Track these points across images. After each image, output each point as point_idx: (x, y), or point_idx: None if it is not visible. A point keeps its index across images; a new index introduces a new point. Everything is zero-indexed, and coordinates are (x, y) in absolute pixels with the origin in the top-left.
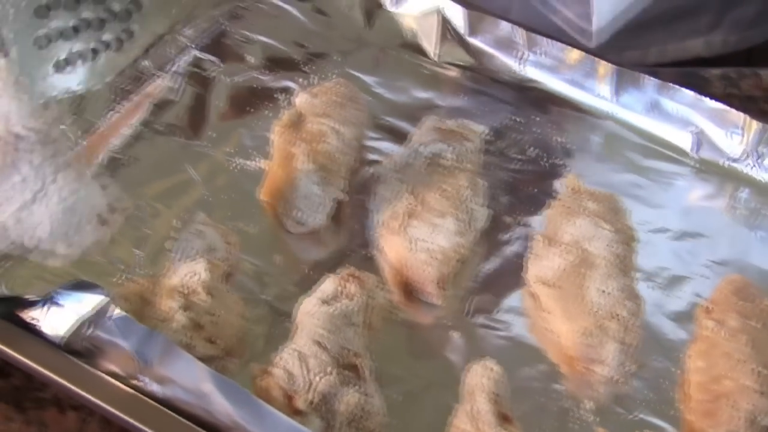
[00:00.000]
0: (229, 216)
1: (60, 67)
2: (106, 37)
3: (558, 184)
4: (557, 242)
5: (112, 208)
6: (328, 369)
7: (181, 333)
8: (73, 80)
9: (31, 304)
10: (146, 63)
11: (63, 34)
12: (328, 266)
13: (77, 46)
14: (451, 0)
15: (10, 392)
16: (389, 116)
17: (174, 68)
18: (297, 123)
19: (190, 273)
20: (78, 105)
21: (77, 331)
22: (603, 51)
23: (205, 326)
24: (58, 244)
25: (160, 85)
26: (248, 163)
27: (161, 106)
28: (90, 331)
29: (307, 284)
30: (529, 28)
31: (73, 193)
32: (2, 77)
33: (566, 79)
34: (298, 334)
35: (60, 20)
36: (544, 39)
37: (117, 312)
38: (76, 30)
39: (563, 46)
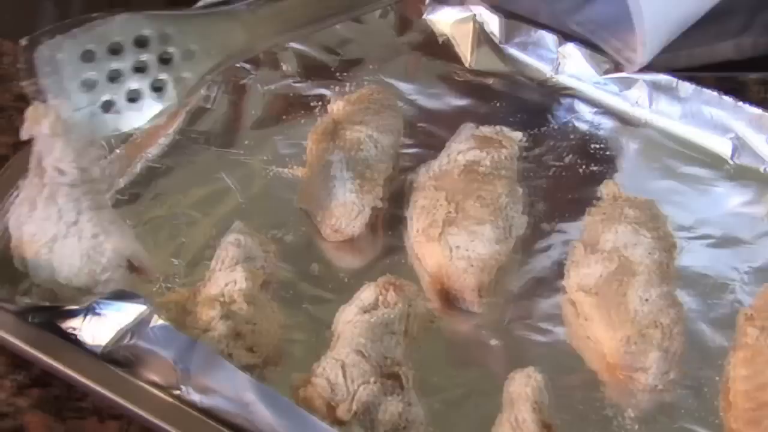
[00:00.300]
0: (266, 224)
1: (107, 108)
2: (154, 80)
3: (596, 191)
4: (597, 249)
5: (141, 258)
6: (370, 378)
7: (220, 342)
8: (120, 121)
9: (71, 314)
10: None
11: (110, 77)
12: (366, 274)
13: (125, 88)
14: (485, 8)
15: (51, 402)
16: (424, 123)
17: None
18: (333, 131)
19: (228, 282)
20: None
21: (117, 341)
22: None
23: (245, 335)
24: (85, 279)
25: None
26: (284, 170)
27: (196, 114)
28: (130, 340)
29: (344, 292)
30: (564, 35)
31: (105, 232)
32: (52, 117)
33: (601, 86)
34: (338, 344)
35: (108, 63)
36: (577, 47)
37: (158, 321)
38: (121, 73)
39: (597, 55)
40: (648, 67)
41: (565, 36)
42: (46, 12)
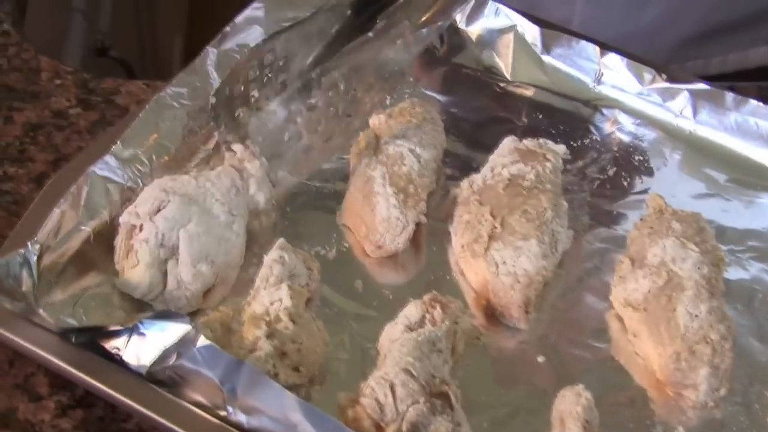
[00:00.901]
0: (309, 241)
1: None
2: None
3: (640, 204)
4: (644, 264)
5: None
6: (419, 398)
7: (267, 362)
8: None
9: (114, 334)
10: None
11: None
12: (409, 290)
13: None
14: (525, 18)
15: (95, 423)
16: (465, 136)
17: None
18: (374, 145)
19: (273, 301)
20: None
21: (162, 361)
22: (666, 63)
23: (290, 354)
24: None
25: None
26: (325, 185)
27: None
28: (176, 361)
29: (387, 309)
30: (604, 46)
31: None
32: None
33: (644, 97)
34: (386, 363)
35: None
36: (619, 57)
37: (202, 341)
38: None
39: (639, 65)
40: (685, 75)
41: (606, 47)
42: (76, 24)
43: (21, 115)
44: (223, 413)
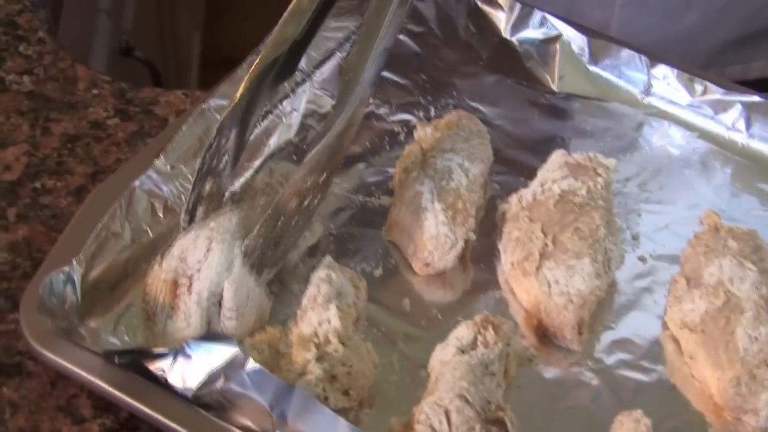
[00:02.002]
0: (354, 257)
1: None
2: None
3: (694, 220)
4: (700, 284)
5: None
6: (475, 425)
7: (317, 386)
8: None
9: (159, 356)
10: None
11: None
12: (458, 310)
13: None
14: (571, 27)
15: None
16: (511, 149)
17: (291, 105)
18: (421, 159)
19: (322, 321)
20: (198, 147)
21: (208, 384)
22: (705, 68)
23: (340, 377)
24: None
25: (276, 123)
26: (370, 200)
27: (278, 143)
28: (222, 384)
29: (436, 329)
30: (653, 56)
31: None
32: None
33: (695, 109)
34: (439, 387)
35: None
36: (669, 67)
37: (251, 365)
38: None
39: (690, 76)
40: (738, 87)
41: (655, 57)
42: (102, 24)
43: (58, 126)
44: None
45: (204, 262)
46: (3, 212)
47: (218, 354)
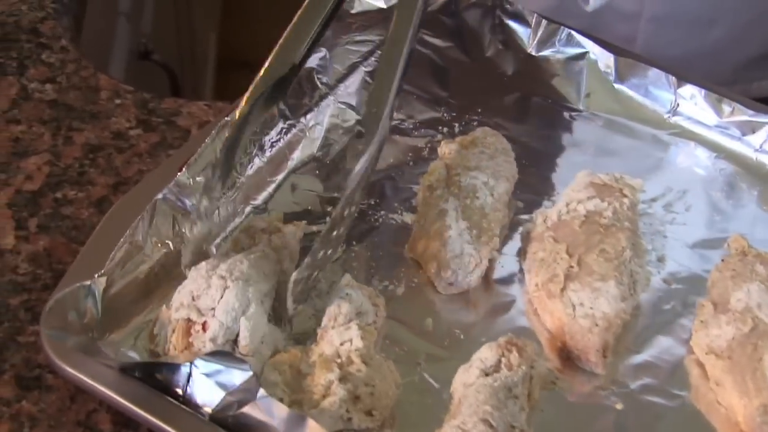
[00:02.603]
0: (375, 275)
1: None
2: None
3: (721, 243)
4: (728, 309)
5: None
6: None
7: (341, 407)
8: None
9: (175, 370)
10: (286, 113)
11: None
12: (481, 330)
13: None
14: (598, 44)
15: None
16: (536, 167)
17: (314, 119)
18: (445, 176)
19: (344, 341)
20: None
21: (224, 409)
22: (731, 84)
23: (363, 398)
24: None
25: (300, 136)
26: (393, 216)
27: (301, 157)
28: (236, 410)
29: (459, 349)
30: (681, 76)
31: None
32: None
33: (722, 130)
34: (462, 410)
35: None
36: (696, 87)
37: (262, 393)
38: None
39: (718, 96)
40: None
41: (682, 77)
42: (121, 28)
43: (80, 135)
44: None
45: (219, 305)
46: (24, 222)
47: (233, 375)
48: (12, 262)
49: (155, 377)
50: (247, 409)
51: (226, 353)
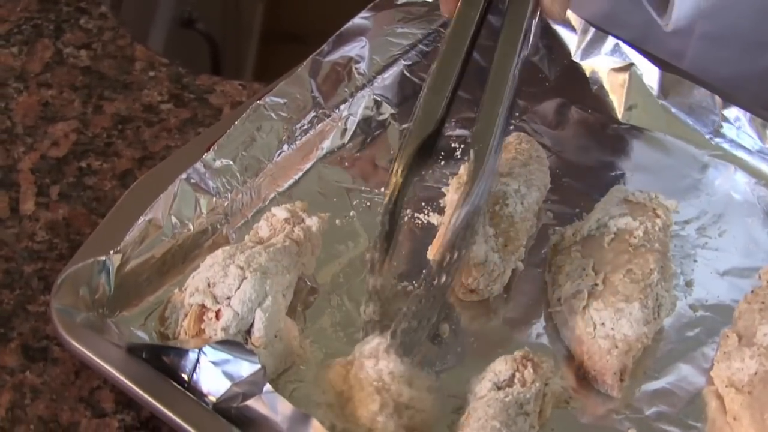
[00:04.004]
0: (394, 274)
1: None
2: None
3: (753, 273)
4: (753, 343)
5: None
6: None
7: None
8: None
9: (180, 354)
10: (320, 101)
11: None
12: (497, 340)
13: None
14: (645, 57)
15: None
16: (569, 178)
17: (348, 109)
18: None
19: (380, 361)
20: (250, 144)
21: (228, 400)
22: None
23: (406, 421)
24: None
25: (331, 126)
26: (419, 216)
27: (331, 147)
28: (240, 402)
29: (472, 358)
30: (727, 97)
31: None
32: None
33: (763, 155)
34: (468, 422)
35: None
36: (742, 111)
37: (268, 388)
38: None
39: (763, 122)
40: None
41: (730, 99)
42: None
43: (111, 105)
44: None
45: (235, 294)
46: (46, 189)
47: (240, 366)
48: (30, 228)
49: (162, 360)
50: (251, 402)
51: (236, 343)
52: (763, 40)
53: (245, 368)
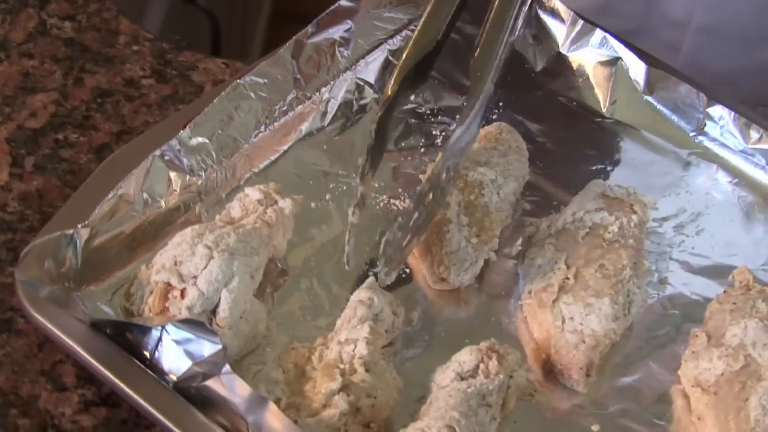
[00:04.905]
0: (367, 259)
1: None
2: None
3: (727, 273)
4: (721, 343)
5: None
6: None
7: (340, 419)
8: None
9: (143, 332)
10: (301, 82)
11: None
12: (465, 330)
13: None
14: (632, 52)
15: (116, 425)
16: (549, 170)
17: (329, 92)
18: None
19: (349, 340)
20: (227, 123)
21: (188, 379)
22: None
23: (363, 410)
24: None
25: (312, 108)
26: (394, 201)
27: (310, 130)
28: (200, 381)
29: (439, 348)
30: (712, 95)
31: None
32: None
33: (747, 156)
34: (430, 412)
35: None
36: (726, 109)
37: (227, 369)
38: None
39: (747, 121)
40: None
41: (714, 98)
42: None
43: (92, 78)
44: None
45: (201, 274)
46: (21, 160)
47: (202, 345)
48: (2, 199)
49: (126, 337)
50: (210, 383)
51: (198, 323)
52: (760, 35)
53: (207, 348)
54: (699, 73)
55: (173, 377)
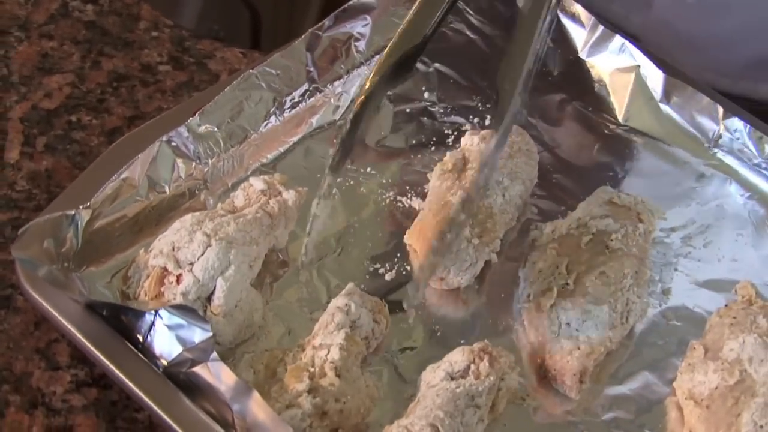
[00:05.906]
0: (368, 255)
1: None
2: None
3: (730, 287)
4: (718, 357)
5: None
6: None
7: (303, 420)
8: None
9: (137, 315)
10: (314, 75)
11: None
12: (462, 330)
13: None
14: (651, 60)
15: (106, 406)
16: (559, 174)
17: (342, 86)
18: (460, 168)
19: (322, 346)
20: (237, 113)
21: (178, 365)
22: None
23: (330, 414)
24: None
25: (324, 102)
26: (401, 199)
27: (321, 123)
28: (188, 367)
29: (433, 346)
30: (729, 107)
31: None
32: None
33: (761, 170)
34: (416, 410)
35: None
36: (742, 122)
37: (215, 356)
38: None
39: (761, 135)
40: None
41: (732, 108)
42: None
43: (109, 62)
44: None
45: (198, 261)
46: (32, 140)
47: (192, 334)
48: (11, 177)
49: (121, 319)
50: (198, 369)
51: (191, 309)
52: (722, 2)
53: (197, 335)
54: (668, 33)
55: (164, 361)
